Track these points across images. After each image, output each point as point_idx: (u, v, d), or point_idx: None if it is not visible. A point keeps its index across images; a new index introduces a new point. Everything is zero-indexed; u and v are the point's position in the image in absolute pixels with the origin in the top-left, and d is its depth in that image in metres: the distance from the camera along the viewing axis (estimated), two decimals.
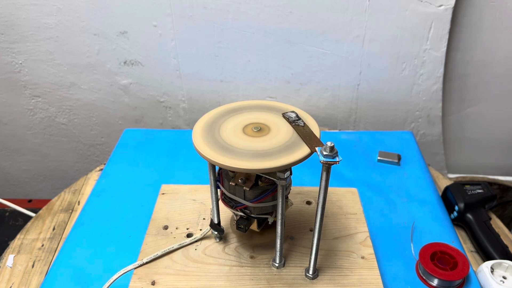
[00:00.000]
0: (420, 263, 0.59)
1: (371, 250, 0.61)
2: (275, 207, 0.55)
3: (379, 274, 0.57)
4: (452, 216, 0.74)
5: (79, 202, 0.79)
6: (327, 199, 0.51)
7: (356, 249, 0.61)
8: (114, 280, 0.54)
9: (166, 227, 0.64)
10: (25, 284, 0.63)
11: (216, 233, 0.60)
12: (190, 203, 0.69)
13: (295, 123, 0.52)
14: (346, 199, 0.70)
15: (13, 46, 1.00)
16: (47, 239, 0.71)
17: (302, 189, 0.72)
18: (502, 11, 0.90)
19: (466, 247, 0.70)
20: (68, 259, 0.62)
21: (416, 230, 0.67)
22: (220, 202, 0.58)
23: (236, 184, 0.52)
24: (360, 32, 0.92)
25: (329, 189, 0.69)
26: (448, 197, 0.76)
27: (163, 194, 0.71)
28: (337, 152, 0.44)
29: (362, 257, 0.60)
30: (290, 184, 0.57)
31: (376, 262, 0.59)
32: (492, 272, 0.60)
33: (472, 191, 0.75)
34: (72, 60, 1.02)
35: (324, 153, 0.44)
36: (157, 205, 0.68)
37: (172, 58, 1.00)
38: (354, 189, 0.72)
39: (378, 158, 0.82)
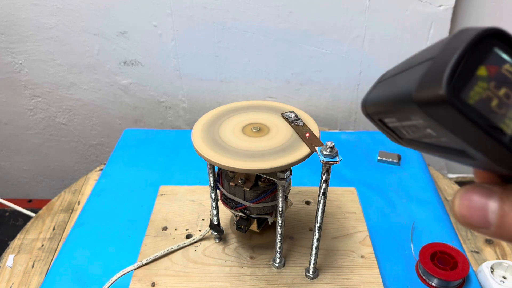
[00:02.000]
0: (420, 263, 0.59)
1: (371, 249, 0.61)
2: (275, 207, 0.55)
3: (379, 273, 0.57)
4: None
5: (79, 202, 0.79)
6: None
7: (356, 249, 0.61)
8: (113, 282, 0.54)
9: (165, 228, 0.64)
10: (25, 284, 0.63)
11: (215, 233, 0.60)
12: (189, 204, 0.69)
13: (295, 123, 0.52)
14: (345, 199, 0.70)
15: (13, 46, 1.00)
16: (47, 239, 0.71)
17: (301, 189, 0.72)
18: (502, 11, 0.90)
19: (466, 247, 0.70)
20: (68, 259, 0.62)
21: (416, 230, 0.67)
22: (220, 202, 0.58)
23: (235, 185, 0.52)
24: (360, 32, 0.92)
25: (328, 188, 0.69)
26: None
27: (161, 195, 0.71)
28: (337, 152, 0.44)
29: (362, 257, 0.60)
30: (289, 184, 0.57)
31: (375, 261, 0.59)
32: (492, 272, 0.60)
33: None
34: (72, 60, 1.02)
35: (324, 152, 0.44)
36: (155, 206, 0.68)
37: (172, 58, 1.00)
38: (353, 189, 0.72)
39: (378, 158, 0.82)
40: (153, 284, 0.55)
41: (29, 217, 0.81)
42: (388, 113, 0.20)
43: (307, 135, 0.50)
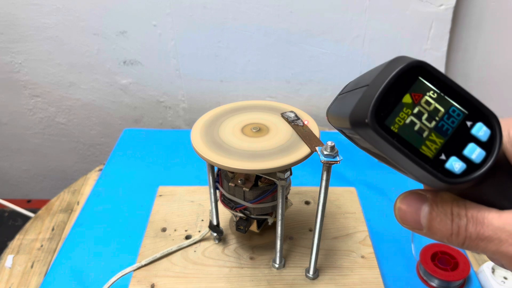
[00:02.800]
0: (420, 264, 0.59)
1: (371, 249, 0.60)
2: (274, 207, 0.55)
3: (379, 273, 0.57)
4: None
5: (78, 202, 0.79)
6: None
7: (356, 248, 0.61)
8: (112, 283, 0.54)
9: (164, 229, 0.64)
10: (24, 284, 0.63)
11: (215, 234, 0.60)
12: (188, 205, 0.68)
13: (294, 123, 0.52)
14: (345, 198, 0.70)
15: (12, 46, 1.00)
16: (46, 239, 0.71)
17: (301, 189, 0.71)
18: (503, 11, 0.90)
19: None
20: (67, 259, 0.61)
21: None
22: (219, 203, 0.58)
23: (235, 185, 0.52)
24: (360, 32, 0.92)
25: None
26: None
27: (160, 196, 0.70)
28: (337, 152, 0.44)
29: (362, 256, 0.59)
30: (289, 184, 0.57)
31: (376, 261, 0.59)
32: (493, 272, 0.60)
33: None
34: (71, 60, 1.02)
35: (325, 152, 0.44)
36: (154, 207, 0.68)
37: (172, 58, 0.99)
38: (352, 188, 0.72)
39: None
40: (152, 286, 0.55)
41: (28, 217, 0.81)
42: (342, 126, 0.22)
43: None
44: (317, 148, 0.46)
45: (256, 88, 1.04)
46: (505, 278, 0.60)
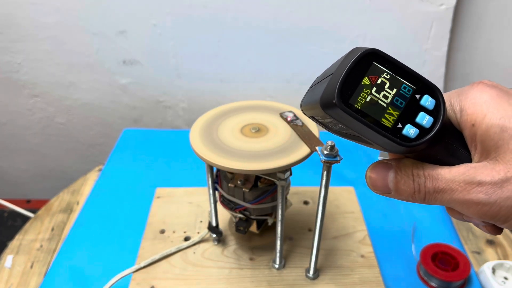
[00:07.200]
0: (421, 264, 0.59)
1: (371, 249, 0.60)
2: (274, 208, 0.54)
3: (379, 272, 0.57)
4: None
5: (78, 202, 0.79)
6: None
7: (356, 248, 0.61)
8: (111, 285, 0.54)
9: (163, 231, 0.63)
10: (24, 285, 0.63)
11: (214, 235, 0.60)
12: (186, 206, 0.68)
13: (293, 122, 0.52)
14: (343, 198, 0.70)
15: (11, 45, 0.99)
16: (45, 239, 0.71)
17: (299, 189, 0.71)
18: (503, 10, 0.90)
19: (468, 248, 0.70)
20: (67, 260, 0.61)
21: (417, 230, 0.67)
22: (218, 204, 0.58)
23: (235, 186, 0.52)
24: (360, 31, 0.92)
25: None
26: None
27: (158, 197, 0.70)
28: (337, 151, 0.44)
29: (362, 256, 0.59)
30: (289, 185, 0.57)
31: (376, 260, 0.59)
32: (493, 272, 0.60)
33: None
34: (71, 60, 1.01)
35: (325, 152, 0.44)
36: (152, 208, 0.68)
37: (172, 58, 0.99)
38: (351, 188, 0.72)
39: (379, 158, 0.82)
40: None
41: (28, 218, 0.81)
42: (315, 113, 0.25)
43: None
44: (317, 148, 0.46)
45: (256, 88, 1.03)
46: (506, 278, 0.60)
